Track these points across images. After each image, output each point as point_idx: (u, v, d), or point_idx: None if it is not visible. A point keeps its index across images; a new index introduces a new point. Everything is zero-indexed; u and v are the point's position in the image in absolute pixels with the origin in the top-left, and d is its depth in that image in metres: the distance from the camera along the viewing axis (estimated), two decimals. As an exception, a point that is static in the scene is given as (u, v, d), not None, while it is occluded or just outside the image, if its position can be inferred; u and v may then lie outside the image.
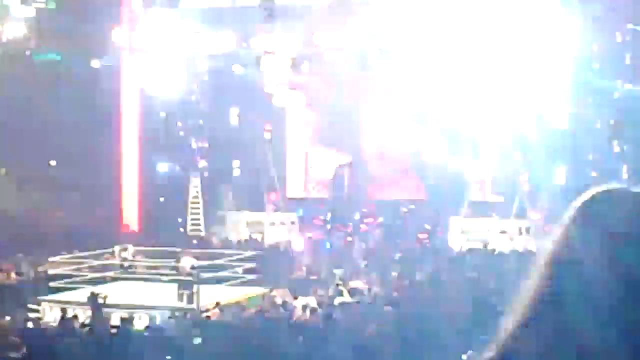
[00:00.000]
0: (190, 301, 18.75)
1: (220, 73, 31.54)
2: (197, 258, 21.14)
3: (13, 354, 12.38)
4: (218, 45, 28.77)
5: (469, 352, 10.79)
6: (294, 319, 15.82)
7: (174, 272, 21.83)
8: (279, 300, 18.36)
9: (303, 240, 32.21)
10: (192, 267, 20.03)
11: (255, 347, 12.31)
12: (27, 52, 28.13)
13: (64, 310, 17.20)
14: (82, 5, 26.94)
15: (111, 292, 18.50)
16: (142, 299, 19.36)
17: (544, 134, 28.34)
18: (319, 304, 17.45)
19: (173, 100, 32.10)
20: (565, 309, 1.30)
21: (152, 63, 29.48)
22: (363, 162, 34.32)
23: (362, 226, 32.14)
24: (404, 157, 33.77)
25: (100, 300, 16.97)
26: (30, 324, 16.20)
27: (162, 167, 32.51)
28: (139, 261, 23.51)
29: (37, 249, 24.61)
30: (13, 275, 22.81)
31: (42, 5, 27.56)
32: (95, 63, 29.43)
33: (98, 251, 23.96)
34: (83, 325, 15.84)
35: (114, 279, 22.13)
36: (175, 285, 20.07)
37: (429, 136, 32.75)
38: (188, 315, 16.96)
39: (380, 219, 32.62)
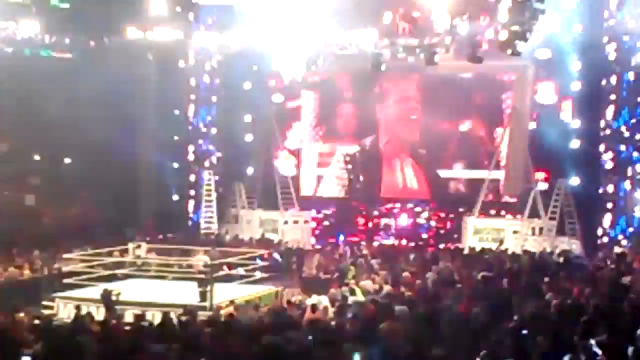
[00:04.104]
0: (203, 299, 18.81)
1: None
2: (210, 256, 21.11)
3: (26, 350, 12.41)
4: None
5: (483, 352, 10.74)
6: (306, 317, 15.78)
7: (186, 270, 21.87)
8: (291, 299, 18.35)
9: (316, 238, 32.21)
10: (205, 265, 20.04)
11: (267, 345, 12.30)
12: (41, 50, 28.15)
13: (77, 307, 17.25)
14: (95, 3, 26.89)
15: (125, 290, 18.55)
16: (155, 296, 19.40)
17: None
18: (332, 303, 17.42)
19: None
20: None
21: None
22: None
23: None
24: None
25: (114, 297, 17.00)
26: (43, 320, 16.22)
27: (176, 165, 32.52)
28: (153, 259, 23.55)
29: (52, 246, 24.71)
30: (27, 271, 22.90)
31: (56, 4, 27.59)
32: (110, 61, 29.42)
33: (112, 249, 24.03)
34: (96, 322, 15.85)
35: (128, 276, 22.18)
36: (188, 283, 20.15)
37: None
38: (201, 313, 16.97)
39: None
